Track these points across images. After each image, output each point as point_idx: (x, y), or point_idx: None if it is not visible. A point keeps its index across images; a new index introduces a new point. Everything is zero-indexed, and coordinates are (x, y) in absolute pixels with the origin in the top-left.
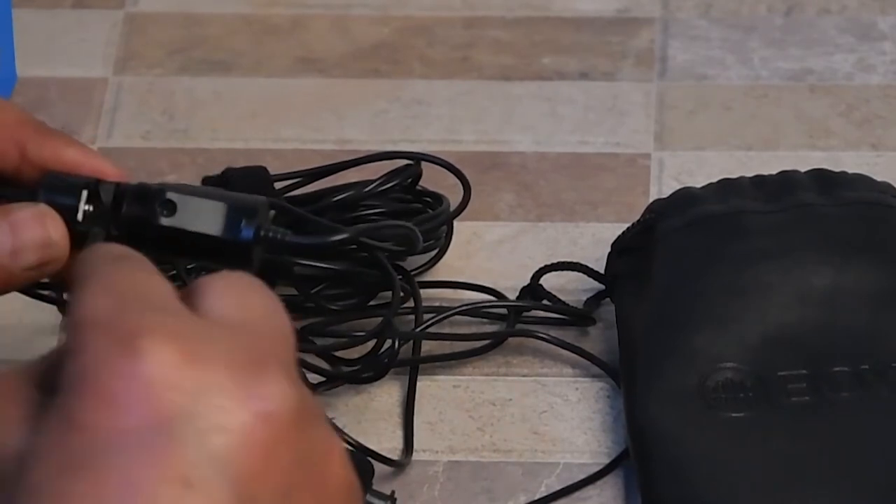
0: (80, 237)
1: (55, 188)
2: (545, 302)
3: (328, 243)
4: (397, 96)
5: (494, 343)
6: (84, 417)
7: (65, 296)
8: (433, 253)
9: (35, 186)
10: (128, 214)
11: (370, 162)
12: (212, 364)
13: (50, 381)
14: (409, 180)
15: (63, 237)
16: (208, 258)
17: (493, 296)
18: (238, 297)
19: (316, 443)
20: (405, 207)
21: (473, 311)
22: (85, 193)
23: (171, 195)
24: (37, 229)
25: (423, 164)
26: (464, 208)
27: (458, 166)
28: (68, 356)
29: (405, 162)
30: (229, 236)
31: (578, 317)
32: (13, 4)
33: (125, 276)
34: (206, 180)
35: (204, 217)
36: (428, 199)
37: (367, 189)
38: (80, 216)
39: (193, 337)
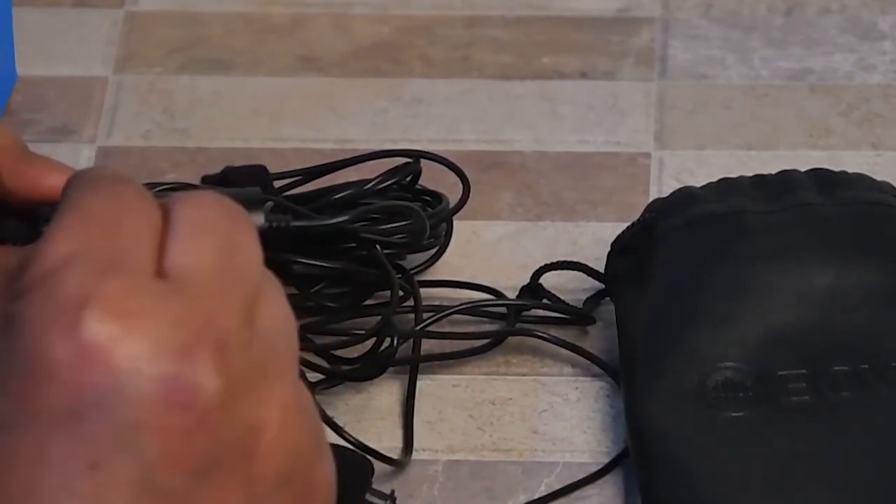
0: None
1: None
2: (545, 301)
3: (330, 224)
4: (397, 95)
5: (494, 342)
6: (12, 385)
7: None
8: (433, 251)
9: (35, 221)
10: None
11: (369, 160)
12: (146, 344)
13: (16, 278)
14: (409, 178)
15: None
16: None
17: (493, 295)
18: (197, 240)
19: (241, 427)
20: None
21: (473, 309)
22: None
23: None
24: None
25: (423, 163)
26: (463, 205)
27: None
28: (22, 292)
29: (404, 160)
30: None
31: (578, 316)
32: (13, 3)
33: (103, 210)
34: (206, 179)
35: None
36: (427, 197)
37: (366, 187)
38: None
39: (137, 309)
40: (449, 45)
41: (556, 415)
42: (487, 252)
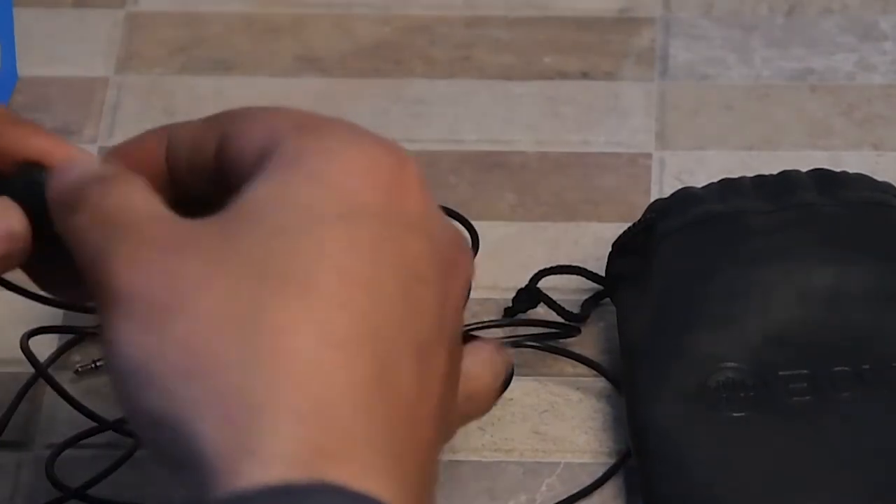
0: (44, 234)
1: (24, 182)
2: (541, 305)
3: None
4: (399, 96)
5: None
6: (342, 181)
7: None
8: None
9: (3, 178)
10: None
11: None
12: (435, 206)
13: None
14: None
15: (25, 230)
16: None
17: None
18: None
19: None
20: None
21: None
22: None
23: None
24: None
25: (424, 164)
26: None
27: (458, 165)
28: (312, 131)
29: None
30: None
31: (565, 327)
32: (14, 3)
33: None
34: None
35: None
36: None
37: None
38: (45, 214)
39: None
40: (450, 46)
41: (558, 415)
42: (489, 253)
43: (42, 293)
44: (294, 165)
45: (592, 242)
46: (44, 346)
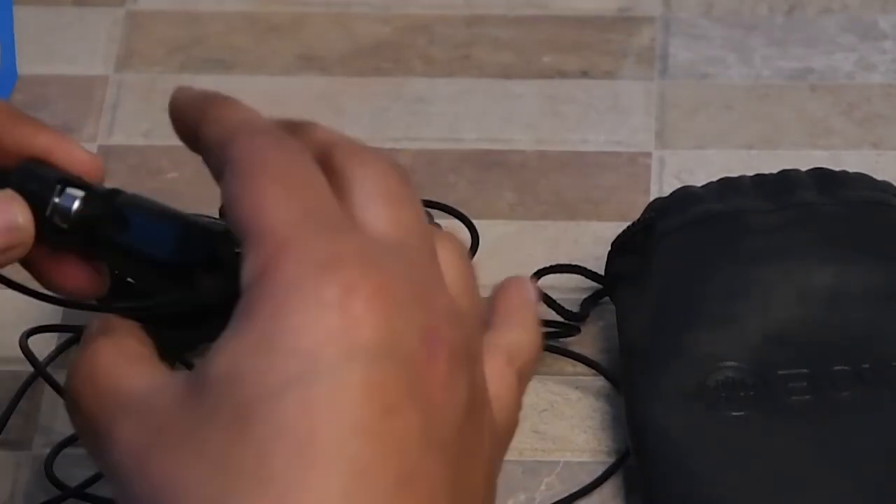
0: (46, 230)
1: (28, 177)
2: (541, 304)
3: None
4: (398, 94)
5: None
6: (289, 343)
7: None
8: None
9: (7, 172)
10: (81, 218)
11: None
12: (399, 300)
13: None
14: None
15: (29, 222)
16: (152, 278)
17: None
18: (394, 208)
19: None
20: None
21: None
22: (58, 188)
23: (126, 210)
24: (2, 213)
25: (424, 163)
26: (474, 254)
27: (458, 164)
28: (262, 270)
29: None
30: (175, 261)
31: (564, 326)
32: (14, 2)
33: (296, 170)
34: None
35: (153, 239)
36: None
37: None
38: (48, 210)
39: (379, 265)
40: (450, 45)
41: (557, 414)
42: (488, 252)
43: (42, 290)
44: (244, 331)
45: (592, 241)
46: (43, 345)
